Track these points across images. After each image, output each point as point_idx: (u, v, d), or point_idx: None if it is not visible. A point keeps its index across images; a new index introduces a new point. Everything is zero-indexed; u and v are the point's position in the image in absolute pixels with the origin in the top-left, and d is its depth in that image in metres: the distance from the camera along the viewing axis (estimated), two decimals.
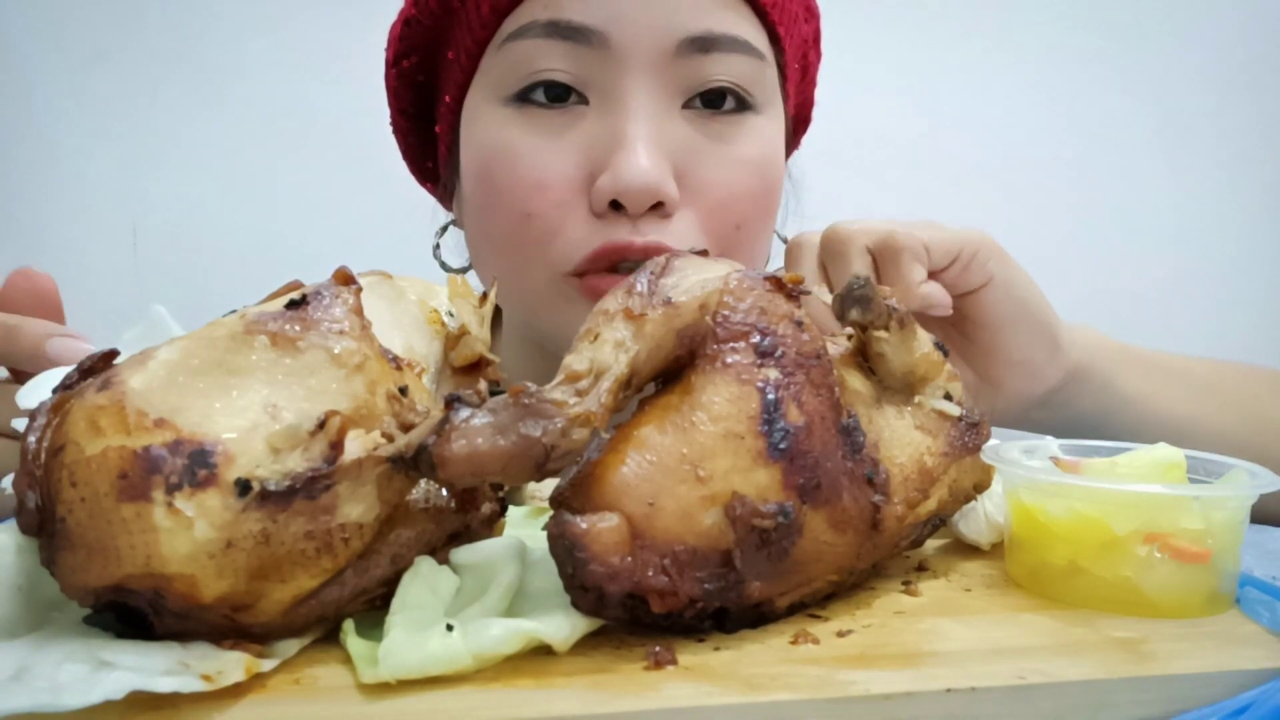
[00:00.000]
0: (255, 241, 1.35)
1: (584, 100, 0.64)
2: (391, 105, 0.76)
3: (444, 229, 0.79)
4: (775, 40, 0.68)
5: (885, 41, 1.43)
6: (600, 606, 0.33)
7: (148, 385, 0.31)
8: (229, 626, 0.31)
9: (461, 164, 0.70)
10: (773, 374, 0.36)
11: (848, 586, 0.39)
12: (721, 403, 0.35)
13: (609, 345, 0.35)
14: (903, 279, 0.56)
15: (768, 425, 0.34)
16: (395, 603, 0.33)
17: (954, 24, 1.45)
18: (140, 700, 0.28)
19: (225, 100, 1.36)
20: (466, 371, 0.42)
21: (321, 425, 0.31)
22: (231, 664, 0.30)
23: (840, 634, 0.35)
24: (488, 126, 0.66)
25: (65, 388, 0.33)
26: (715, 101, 0.65)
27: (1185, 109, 1.50)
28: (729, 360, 0.36)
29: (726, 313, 0.36)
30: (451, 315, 0.42)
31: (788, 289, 0.38)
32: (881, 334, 0.41)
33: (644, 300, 0.36)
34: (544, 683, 0.30)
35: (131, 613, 0.31)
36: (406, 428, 0.33)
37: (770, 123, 0.68)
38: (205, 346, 0.33)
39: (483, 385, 0.41)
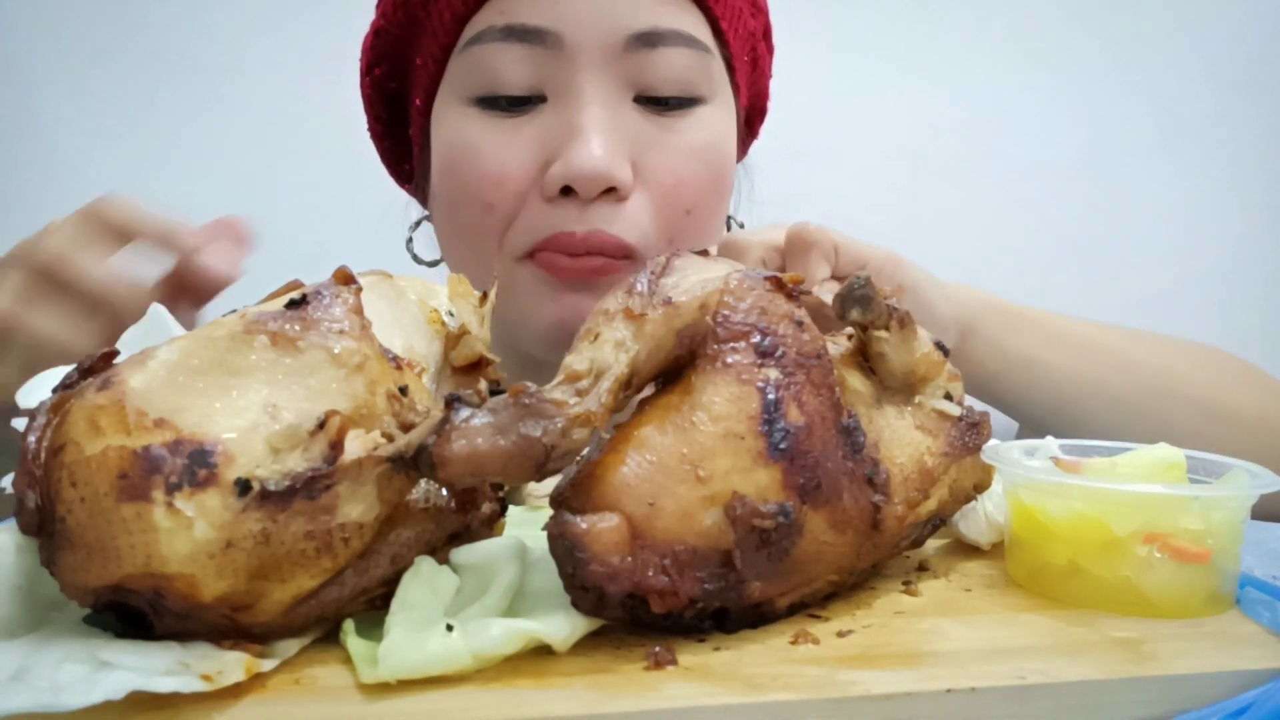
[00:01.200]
0: (255, 241, 1.34)
1: (542, 98, 0.68)
2: (367, 112, 0.80)
3: (416, 224, 0.82)
4: (720, 34, 0.71)
5: (883, 39, 1.43)
6: (600, 606, 0.33)
7: (148, 385, 0.31)
8: (229, 626, 0.31)
9: (431, 162, 0.73)
10: (773, 374, 0.36)
11: (848, 586, 0.39)
12: (722, 403, 0.35)
13: (609, 345, 0.35)
14: (806, 275, 0.57)
15: (768, 425, 0.34)
16: (395, 603, 0.33)
17: (952, 23, 1.45)
18: (140, 700, 0.28)
19: (225, 100, 1.36)
20: (466, 371, 0.42)
21: (321, 425, 0.31)
22: (231, 664, 0.30)
23: (840, 634, 0.35)
24: (453, 125, 0.70)
25: (65, 387, 0.33)
26: (664, 96, 0.68)
27: (1186, 110, 1.50)
28: (729, 360, 0.35)
29: (727, 312, 0.36)
30: (451, 315, 0.42)
31: (788, 289, 0.38)
32: (881, 334, 0.41)
33: (644, 300, 0.36)
34: (544, 683, 0.30)
35: (131, 613, 0.31)
36: (406, 428, 0.33)
37: (718, 111, 0.71)
38: (205, 346, 0.33)
39: (483, 385, 0.41)
